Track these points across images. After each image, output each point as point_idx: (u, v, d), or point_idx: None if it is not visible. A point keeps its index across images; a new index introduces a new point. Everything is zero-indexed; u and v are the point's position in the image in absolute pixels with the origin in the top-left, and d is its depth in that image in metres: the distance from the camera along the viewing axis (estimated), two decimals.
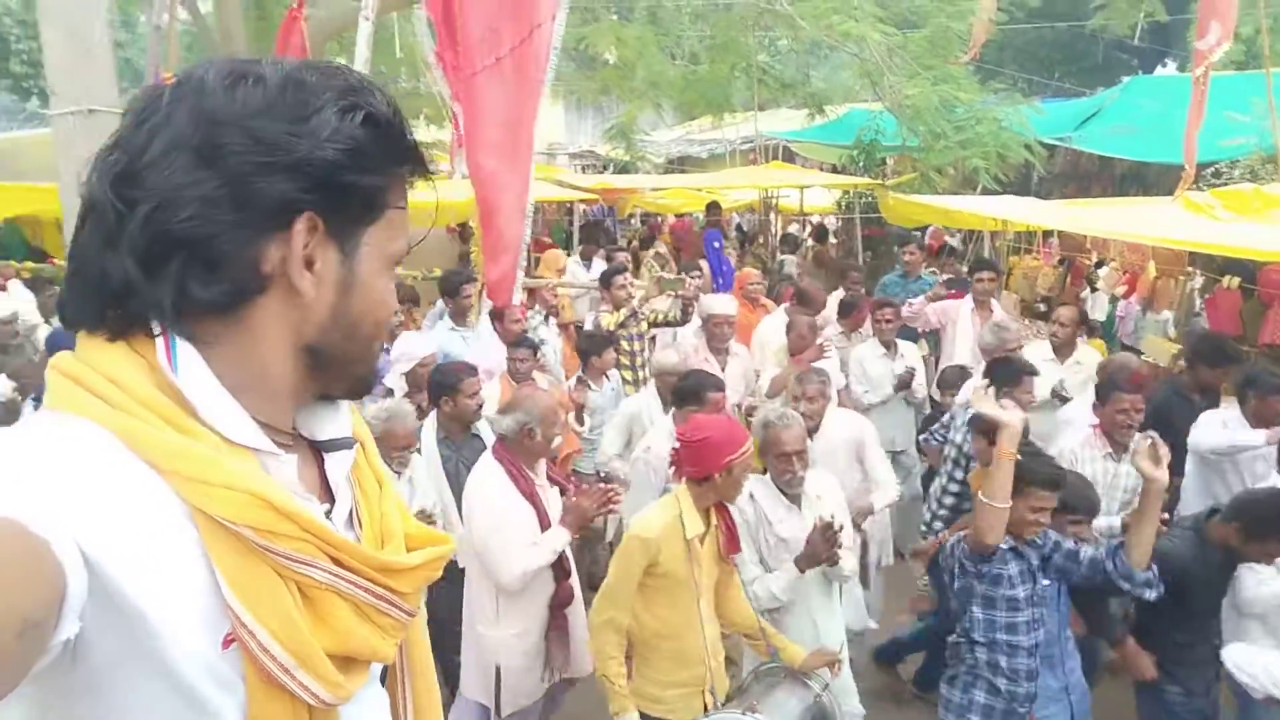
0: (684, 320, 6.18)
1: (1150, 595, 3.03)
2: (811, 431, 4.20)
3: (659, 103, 13.54)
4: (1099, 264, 8.78)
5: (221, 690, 0.79)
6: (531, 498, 3.38)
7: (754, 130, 13.36)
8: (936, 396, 5.62)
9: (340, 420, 0.98)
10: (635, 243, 12.95)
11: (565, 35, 11.66)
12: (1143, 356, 6.58)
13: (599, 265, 10.43)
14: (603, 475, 4.92)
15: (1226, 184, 8.40)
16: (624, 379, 5.92)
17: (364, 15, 4.68)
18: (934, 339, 6.87)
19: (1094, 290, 8.42)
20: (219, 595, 0.78)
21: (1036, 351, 5.42)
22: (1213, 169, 8.91)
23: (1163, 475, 2.95)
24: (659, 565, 2.95)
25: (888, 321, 5.98)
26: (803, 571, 3.30)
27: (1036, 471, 3.00)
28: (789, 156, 16.09)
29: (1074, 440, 4.26)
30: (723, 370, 5.32)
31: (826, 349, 5.31)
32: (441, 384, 4.08)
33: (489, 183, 4.23)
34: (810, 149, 15.20)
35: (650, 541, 2.92)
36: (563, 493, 3.61)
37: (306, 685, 0.82)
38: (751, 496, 3.44)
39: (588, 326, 6.64)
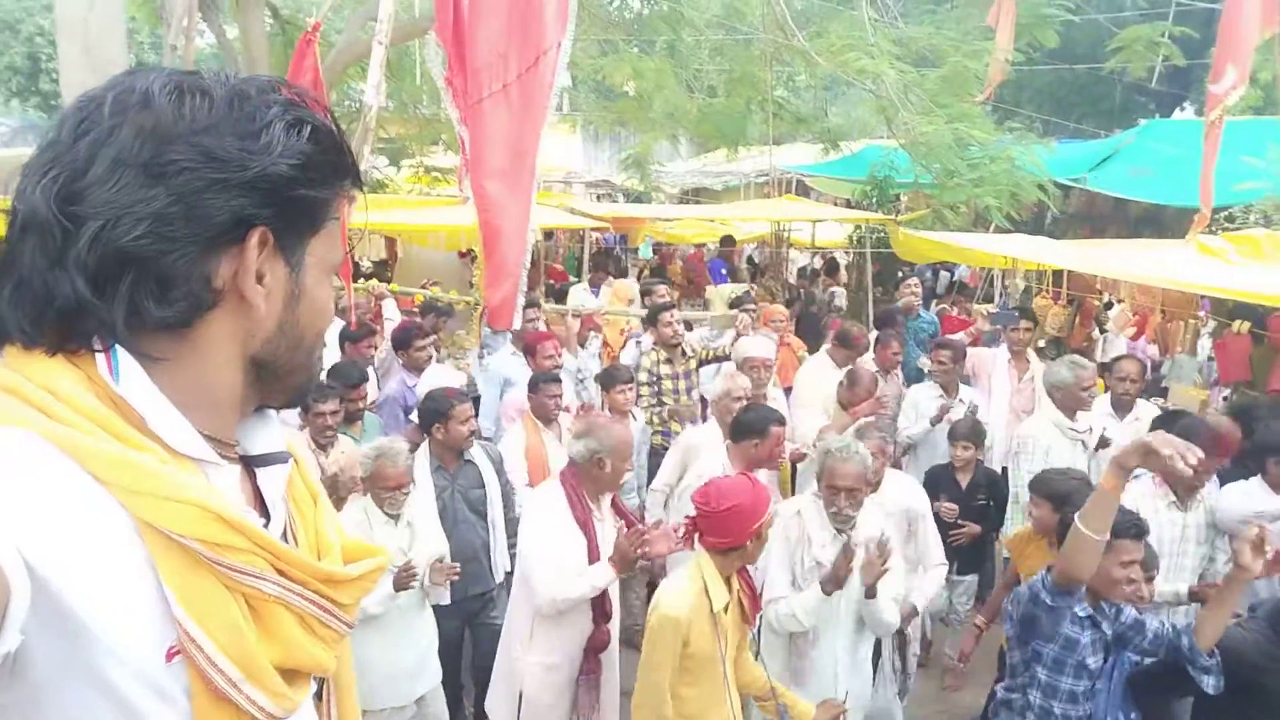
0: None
1: (1210, 686, 2.79)
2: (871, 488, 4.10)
3: (675, 134, 13.64)
4: (1108, 305, 8.72)
5: (164, 704, 0.79)
6: (585, 527, 3.32)
7: (769, 163, 13.43)
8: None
9: (273, 435, 0.98)
10: (646, 272, 13.00)
11: (583, 65, 11.89)
12: (1165, 404, 6.50)
13: (606, 292, 10.47)
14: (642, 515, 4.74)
15: (1240, 228, 8.37)
16: (651, 422, 5.66)
17: (377, 40, 4.75)
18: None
19: (1103, 331, 8.37)
20: (164, 607, 0.78)
21: (1096, 407, 5.07)
22: (1226, 213, 8.87)
23: (1257, 568, 2.74)
24: (689, 645, 2.81)
25: (940, 364, 5.66)
26: (828, 594, 3.20)
27: (1119, 521, 2.70)
28: (803, 190, 16.15)
29: (1132, 491, 3.98)
30: None
31: (884, 404, 5.07)
32: (434, 410, 4.01)
33: (492, 208, 4.27)
34: (824, 183, 15.25)
35: (680, 622, 2.78)
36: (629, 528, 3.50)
37: (253, 698, 0.81)
38: (799, 514, 3.44)
39: (625, 360, 6.44)
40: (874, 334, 6.96)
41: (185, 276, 0.81)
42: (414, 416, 4.72)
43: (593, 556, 3.30)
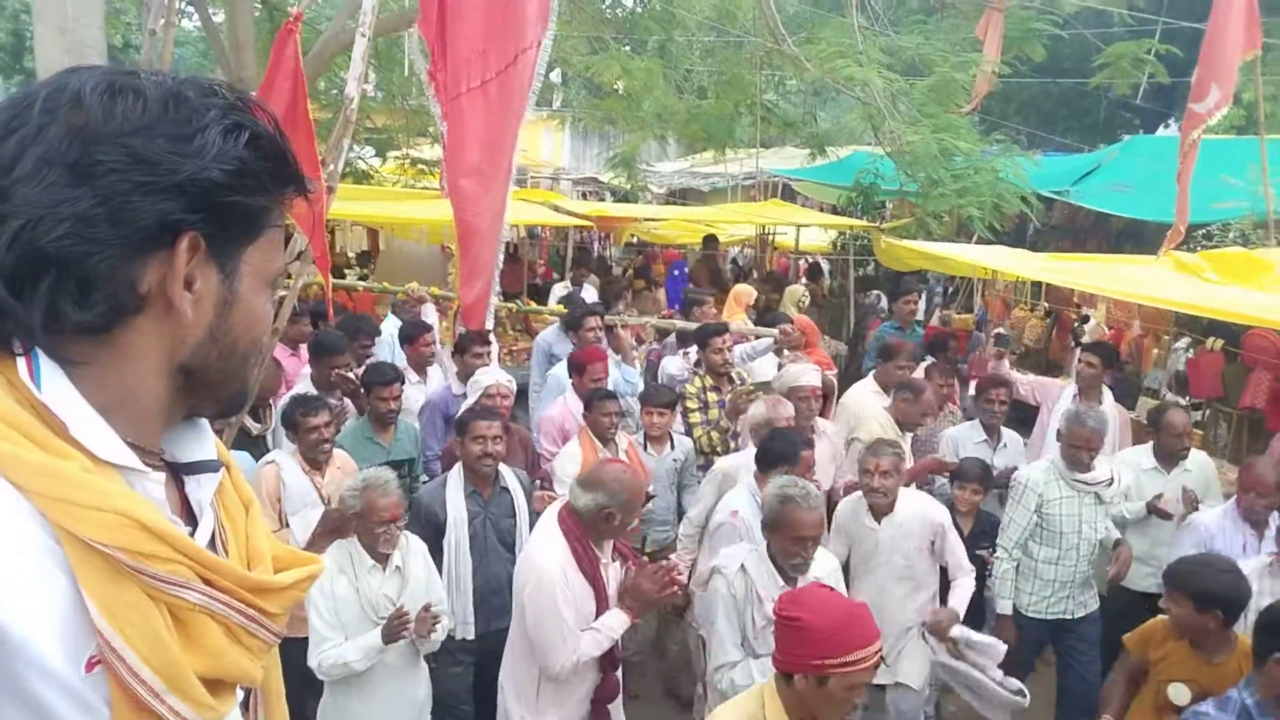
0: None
1: None
2: (883, 511, 3.97)
3: (663, 134, 13.65)
4: (1084, 319, 8.79)
5: (85, 715, 0.77)
6: (594, 580, 3.09)
7: (756, 166, 13.46)
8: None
9: (204, 443, 0.96)
10: (630, 271, 12.99)
11: (574, 62, 11.85)
12: (1133, 416, 6.54)
13: (590, 291, 10.46)
14: (650, 552, 4.55)
15: (1218, 246, 8.44)
16: (703, 448, 5.17)
17: (360, 32, 4.71)
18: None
19: (1078, 344, 8.43)
20: (84, 617, 0.76)
21: (1134, 459, 4.77)
22: (1204, 231, 8.96)
23: None
24: None
25: (1001, 403, 5.07)
26: None
27: None
28: (789, 194, 16.20)
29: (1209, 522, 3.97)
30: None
31: (948, 465, 4.76)
32: (457, 424, 3.88)
33: (467, 206, 4.24)
34: (810, 188, 15.30)
35: None
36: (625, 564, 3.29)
37: (176, 710, 0.80)
38: (743, 569, 3.16)
39: (672, 370, 6.10)
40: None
41: (107, 280, 0.79)
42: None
43: (602, 606, 3.10)
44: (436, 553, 3.67)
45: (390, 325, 7.17)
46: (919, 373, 5.82)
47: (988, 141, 10.59)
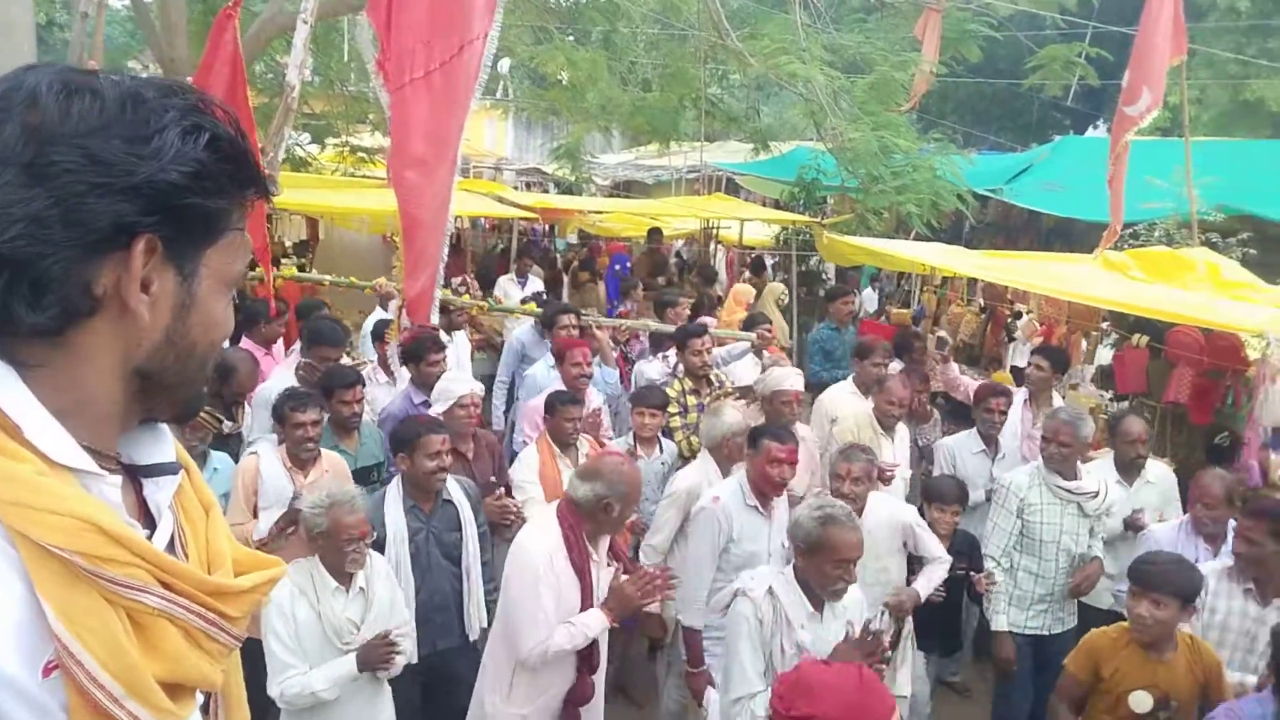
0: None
1: None
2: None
3: (608, 126, 13.62)
4: (1018, 314, 9.06)
5: None
6: (582, 572, 3.06)
7: (700, 160, 13.52)
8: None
9: (162, 445, 0.95)
10: (575, 264, 12.94)
11: (518, 52, 11.73)
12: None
13: (535, 283, 10.41)
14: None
15: (1144, 245, 8.76)
16: (682, 452, 5.05)
17: (302, 18, 4.61)
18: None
19: (1011, 339, 8.69)
20: (41, 622, 0.75)
21: (1099, 470, 4.57)
22: (1131, 230, 9.28)
23: None
24: None
25: (1001, 413, 4.94)
26: None
27: None
28: (733, 189, 16.31)
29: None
30: None
31: (887, 476, 4.50)
32: (401, 439, 3.64)
33: (411, 197, 4.19)
34: (754, 183, 15.43)
35: None
36: (627, 573, 3.22)
37: (135, 714, 0.79)
38: (771, 592, 2.99)
39: (651, 374, 5.88)
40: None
41: (61, 282, 0.78)
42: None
43: (587, 603, 3.05)
44: None
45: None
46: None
47: (925, 140, 10.83)
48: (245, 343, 5.59)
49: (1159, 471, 4.69)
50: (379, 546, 3.45)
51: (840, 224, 10.34)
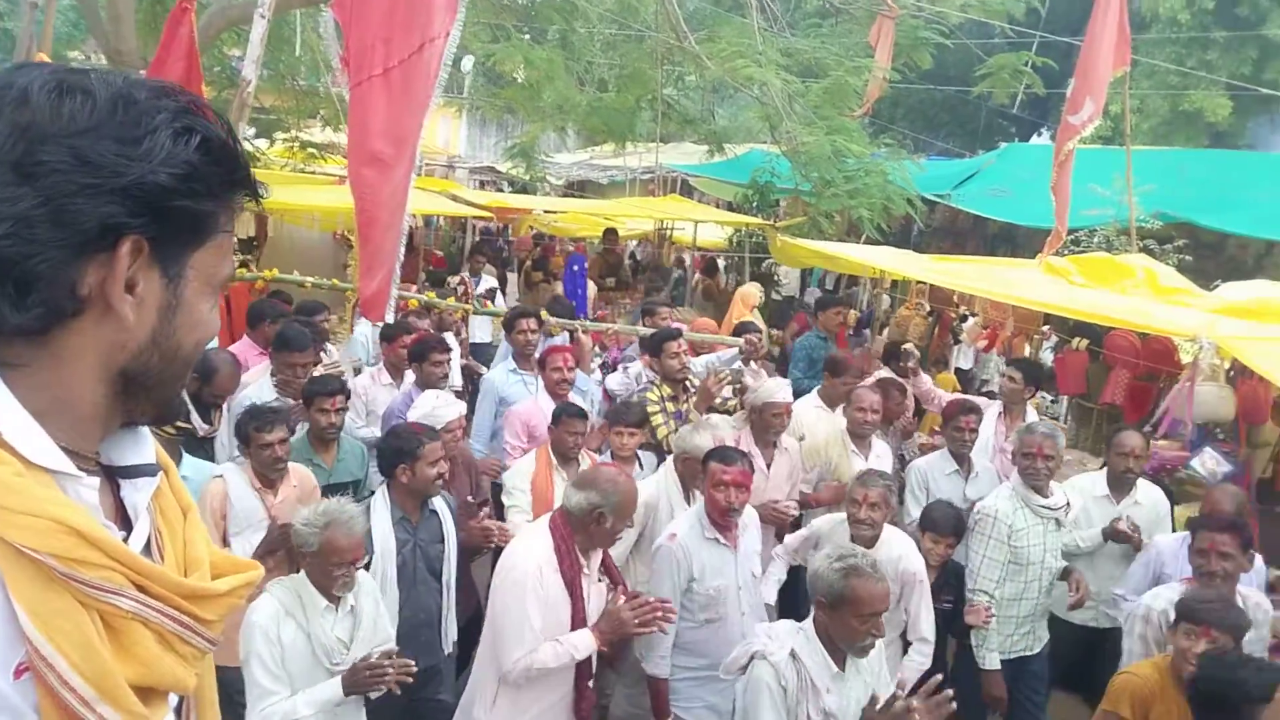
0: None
1: None
2: (865, 544, 3.61)
3: (563, 126, 13.60)
4: (964, 318, 9.27)
5: None
6: (572, 586, 2.94)
7: (655, 161, 13.57)
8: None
9: (141, 446, 0.95)
10: (529, 263, 12.92)
11: (473, 49, 11.65)
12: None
13: (488, 280, 10.37)
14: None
15: (1085, 251, 9.01)
16: (668, 446, 4.81)
17: (260, 13, 4.56)
18: None
19: (958, 342, 8.89)
20: (13, 624, 0.75)
21: (1087, 485, 4.57)
22: (1073, 237, 9.54)
23: None
24: None
25: (971, 431, 4.75)
26: None
27: None
28: (687, 190, 16.40)
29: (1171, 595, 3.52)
30: (769, 466, 4.59)
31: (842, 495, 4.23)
32: (398, 450, 3.45)
33: (369, 195, 4.15)
34: (708, 184, 15.52)
35: None
36: (622, 592, 3.11)
37: (107, 718, 0.79)
38: (794, 656, 2.77)
39: (612, 386, 5.70)
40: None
41: (46, 282, 0.78)
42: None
43: (577, 617, 2.95)
44: None
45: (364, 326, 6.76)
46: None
47: (877, 144, 11.00)
48: (244, 341, 5.48)
49: (1151, 494, 4.53)
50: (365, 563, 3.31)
51: (793, 227, 10.46)
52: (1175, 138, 16.68)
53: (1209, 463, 5.05)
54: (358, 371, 5.70)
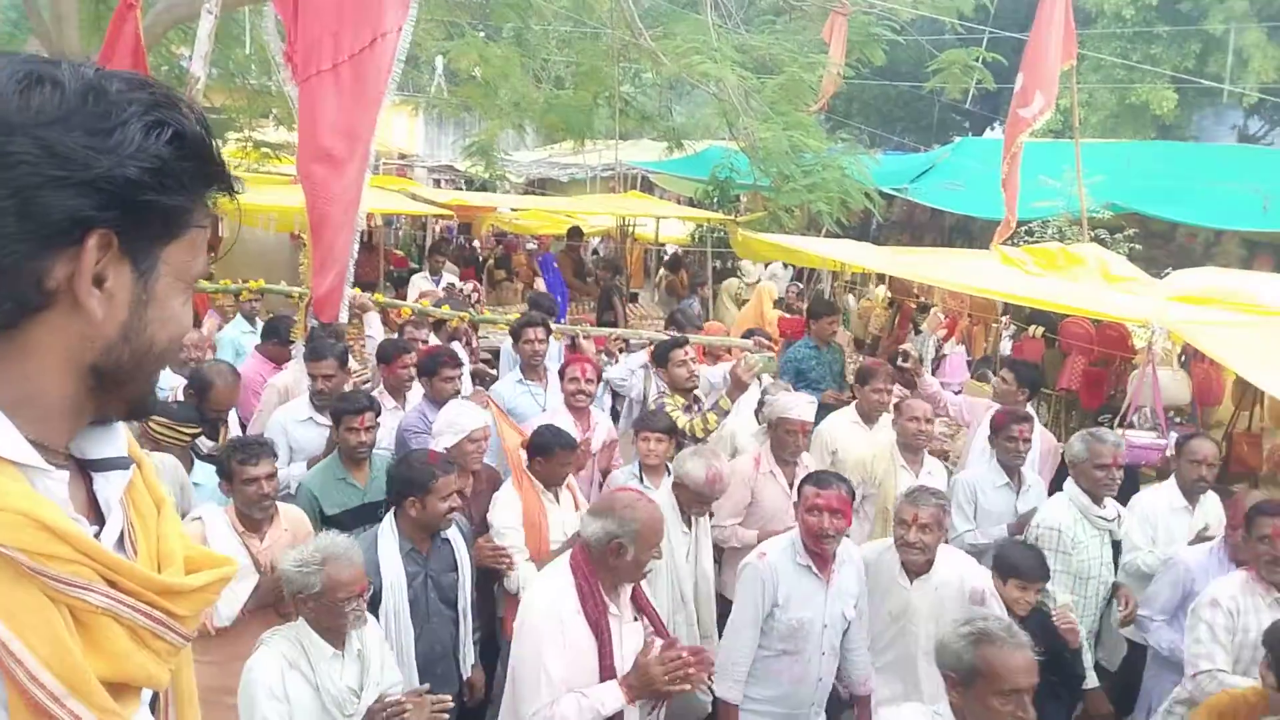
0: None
1: None
2: (918, 569, 3.42)
3: (521, 123, 13.53)
4: (924, 308, 9.40)
5: None
6: (598, 630, 2.67)
7: (615, 158, 13.57)
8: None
9: (114, 440, 0.93)
10: (491, 262, 12.83)
11: (428, 47, 11.55)
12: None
13: (449, 276, 10.29)
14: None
15: (1039, 241, 9.18)
16: (695, 433, 4.62)
17: (207, 9, 4.46)
18: None
19: (918, 332, 9.00)
20: None
21: (1164, 498, 4.27)
22: (1026, 227, 9.70)
23: None
24: None
25: (1025, 441, 4.39)
26: None
27: None
28: (648, 187, 16.40)
29: (1228, 588, 3.38)
30: (791, 486, 4.22)
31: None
32: (409, 481, 3.23)
33: (320, 192, 4.07)
34: (668, 181, 15.55)
35: None
36: (657, 633, 2.84)
37: (77, 714, 0.78)
38: None
39: (611, 376, 5.47)
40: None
41: (13, 275, 0.76)
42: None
43: (604, 664, 2.67)
44: None
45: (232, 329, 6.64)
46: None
47: (834, 140, 11.10)
48: (255, 357, 5.35)
49: (1211, 498, 4.29)
50: (374, 597, 3.11)
51: (753, 221, 10.52)
52: (1123, 130, 17.04)
53: (1122, 444, 5.07)
54: None
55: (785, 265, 13.04)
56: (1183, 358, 6.32)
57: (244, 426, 4.72)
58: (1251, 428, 6.08)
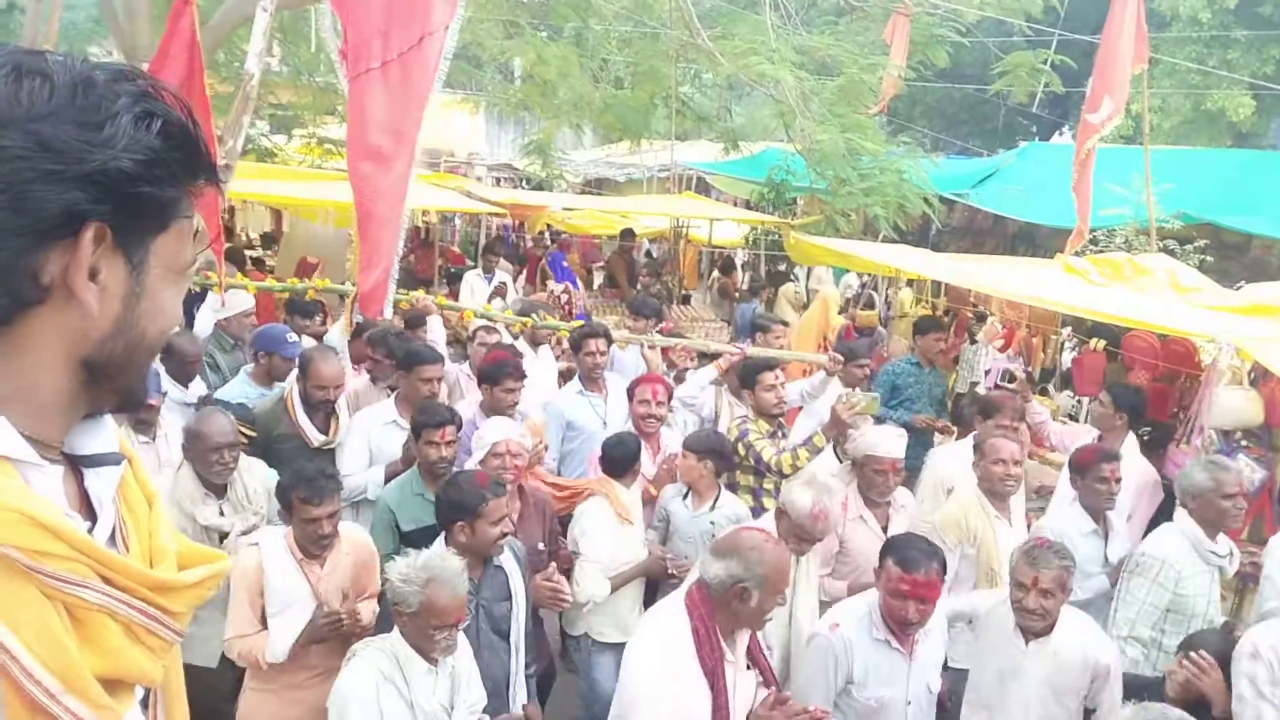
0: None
1: None
2: (1036, 633, 3.15)
3: (578, 123, 13.60)
4: (981, 317, 9.17)
5: None
6: (714, 678, 2.51)
7: (671, 159, 13.53)
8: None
9: (105, 435, 0.93)
10: (544, 261, 12.90)
11: (488, 46, 11.66)
12: None
13: (502, 275, 10.38)
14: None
15: (1104, 251, 8.89)
16: (784, 469, 4.32)
17: (262, 7, 4.55)
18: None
19: (974, 342, 8.80)
20: None
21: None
22: (1091, 237, 9.41)
23: None
24: None
25: (1117, 481, 3.99)
26: None
27: None
28: (704, 188, 16.33)
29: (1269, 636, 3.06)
30: (884, 529, 3.95)
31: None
32: (458, 504, 3.10)
33: (366, 190, 4.13)
34: (725, 182, 15.46)
35: None
36: (766, 683, 2.72)
37: (73, 710, 0.78)
38: None
39: (682, 394, 5.17)
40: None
41: (7, 270, 0.77)
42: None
43: (718, 716, 2.53)
44: None
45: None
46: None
47: (894, 143, 10.91)
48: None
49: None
50: None
51: (809, 225, 10.39)
52: (1197, 137, 16.45)
53: (1244, 470, 4.88)
54: None
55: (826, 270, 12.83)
56: (1252, 375, 6.05)
57: None
58: None
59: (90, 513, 0.90)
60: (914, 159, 10.11)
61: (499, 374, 4.41)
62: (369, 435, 4.27)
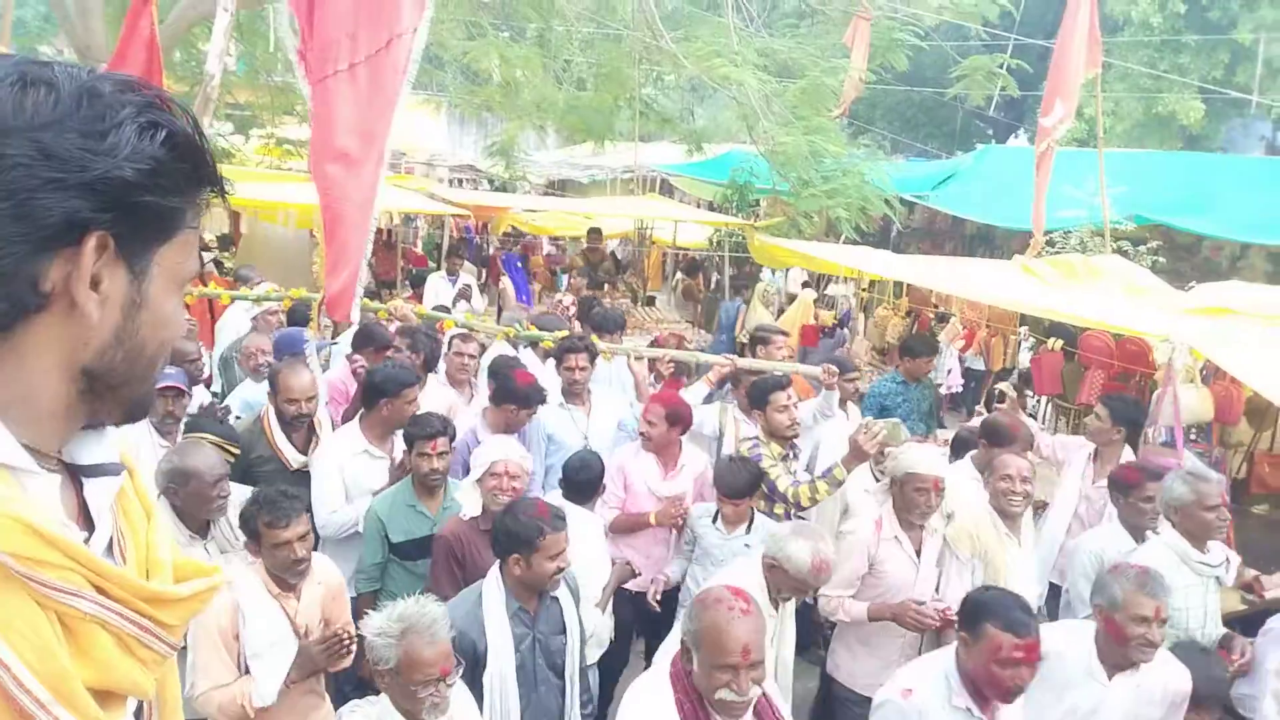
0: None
1: None
2: (1123, 666, 2.99)
3: (542, 124, 13.56)
4: (942, 318, 9.32)
5: None
6: None
7: (634, 160, 13.55)
8: None
9: (106, 445, 0.93)
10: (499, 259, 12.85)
11: (450, 48, 11.60)
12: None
13: (466, 278, 10.31)
14: None
15: (1060, 252, 9.08)
16: (800, 501, 4.15)
17: (223, 7, 4.49)
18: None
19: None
20: None
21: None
22: (1047, 238, 9.60)
23: None
24: None
25: (1146, 500, 3.91)
26: None
27: None
28: (668, 190, 16.39)
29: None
30: (918, 554, 3.73)
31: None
32: (515, 536, 2.89)
33: (334, 191, 4.08)
34: (688, 184, 15.52)
35: None
36: None
37: None
38: None
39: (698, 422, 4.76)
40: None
41: (9, 277, 0.77)
42: (458, 496, 3.62)
43: None
44: (474, 689, 2.80)
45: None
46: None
47: (855, 145, 11.02)
48: (341, 367, 5.08)
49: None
50: (478, 662, 2.80)
51: (772, 227, 10.46)
52: (1149, 140, 16.85)
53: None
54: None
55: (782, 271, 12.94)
56: (1204, 373, 6.22)
57: None
58: (1274, 448, 5.98)
59: (88, 523, 0.90)
60: (875, 161, 10.22)
61: (532, 398, 4.35)
62: (341, 469, 3.99)
